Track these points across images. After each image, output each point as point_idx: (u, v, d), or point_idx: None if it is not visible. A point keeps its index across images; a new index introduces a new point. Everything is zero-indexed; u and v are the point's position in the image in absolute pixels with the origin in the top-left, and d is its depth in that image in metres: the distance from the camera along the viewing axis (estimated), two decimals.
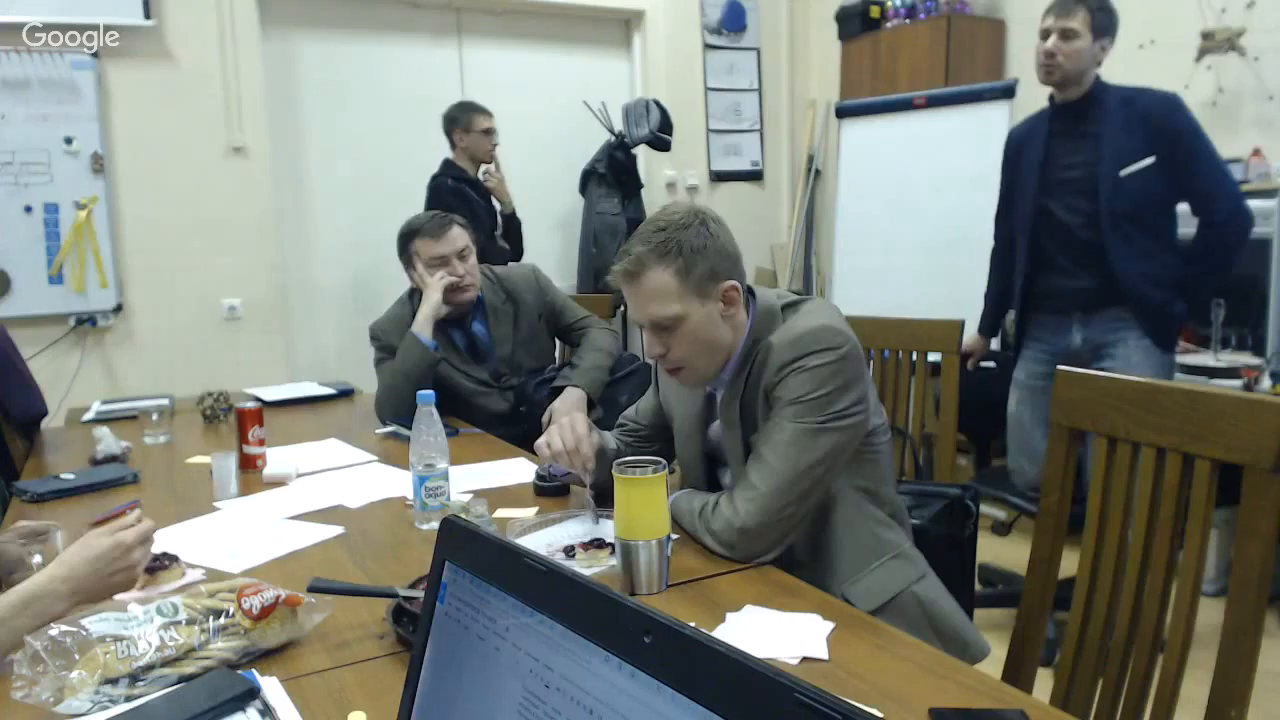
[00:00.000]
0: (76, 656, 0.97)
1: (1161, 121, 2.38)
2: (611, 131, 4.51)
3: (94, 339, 3.82)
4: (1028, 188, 2.59)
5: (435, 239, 2.43)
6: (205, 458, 1.93)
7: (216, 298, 3.99)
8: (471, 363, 2.52)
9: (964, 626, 1.48)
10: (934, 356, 2.27)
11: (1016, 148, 2.70)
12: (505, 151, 4.59)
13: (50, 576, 1.11)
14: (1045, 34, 2.44)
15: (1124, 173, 2.38)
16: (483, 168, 3.82)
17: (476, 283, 2.48)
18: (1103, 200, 2.40)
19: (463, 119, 3.71)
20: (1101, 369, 2.38)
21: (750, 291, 1.50)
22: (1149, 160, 2.37)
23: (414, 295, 2.53)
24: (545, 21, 4.75)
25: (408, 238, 2.48)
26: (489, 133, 3.74)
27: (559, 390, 2.43)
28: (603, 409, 2.46)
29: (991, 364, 3.15)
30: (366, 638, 1.14)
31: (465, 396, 2.49)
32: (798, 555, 1.45)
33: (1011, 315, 2.75)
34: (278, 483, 1.91)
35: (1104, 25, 2.43)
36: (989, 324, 2.87)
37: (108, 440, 2.14)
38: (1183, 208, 2.47)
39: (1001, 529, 3.51)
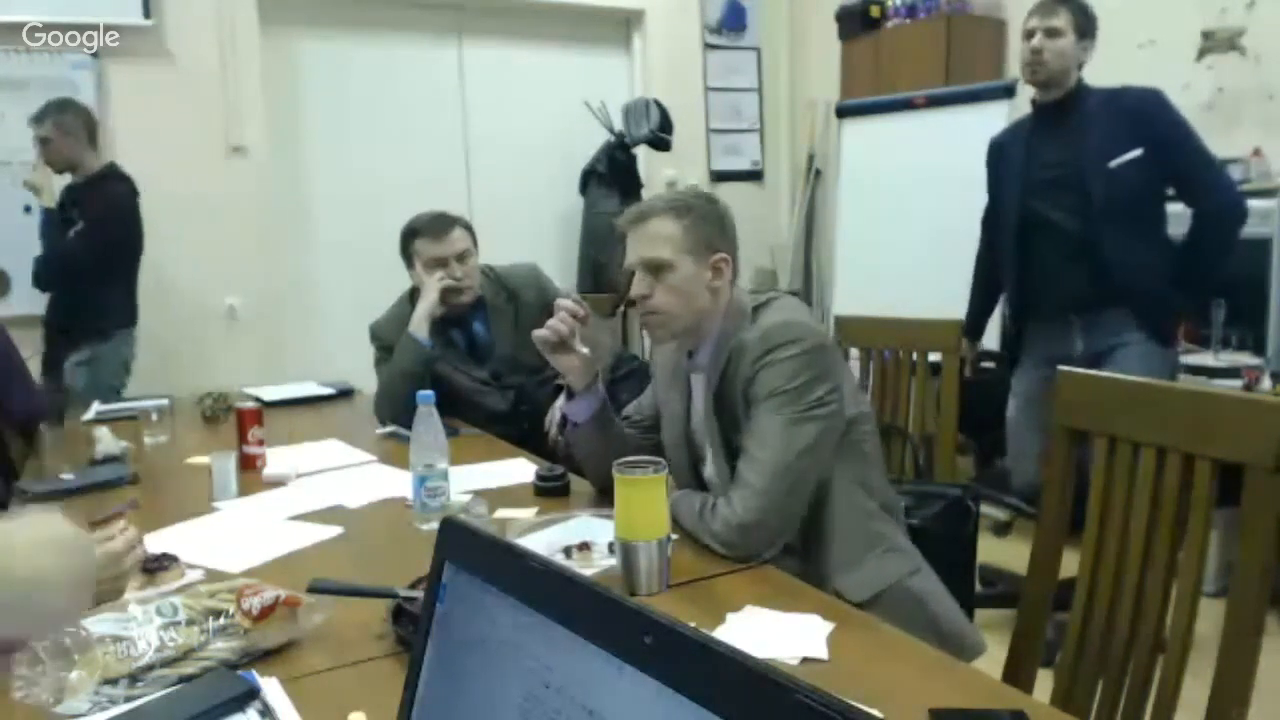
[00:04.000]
0: (76, 657, 0.97)
1: (1148, 116, 2.40)
2: (611, 131, 4.51)
3: None
4: (1011, 191, 2.60)
5: (435, 240, 2.42)
6: (205, 458, 1.93)
7: (216, 298, 3.99)
8: (471, 362, 2.52)
9: (961, 622, 1.49)
10: (934, 356, 2.27)
11: (998, 154, 2.71)
12: (506, 151, 4.60)
13: None
14: (1030, 34, 2.47)
15: (1113, 164, 2.39)
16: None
17: (474, 285, 2.47)
18: (1094, 192, 2.40)
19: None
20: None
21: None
22: (1137, 152, 2.38)
23: (414, 294, 2.53)
24: (545, 21, 4.74)
25: (409, 236, 2.48)
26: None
27: (560, 390, 2.43)
28: None
29: (990, 364, 3.17)
30: (366, 638, 1.14)
31: (465, 396, 2.49)
32: (789, 546, 1.46)
33: (993, 319, 2.76)
34: (277, 483, 1.91)
35: (1085, 26, 2.46)
36: (972, 327, 2.88)
37: (107, 440, 2.14)
38: (1176, 208, 2.48)
39: (1001, 529, 3.50)
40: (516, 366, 2.51)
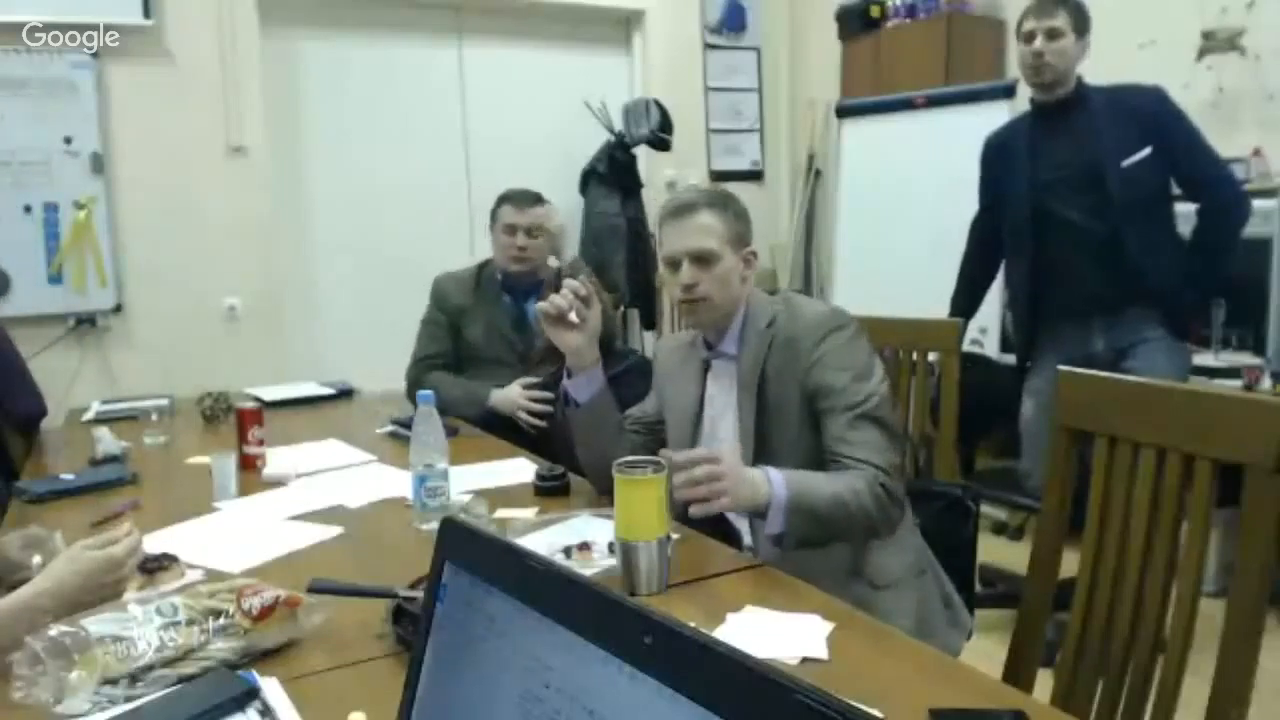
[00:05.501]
0: (76, 657, 0.97)
1: (1153, 114, 2.40)
2: (611, 131, 4.51)
3: (94, 339, 3.81)
4: (1018, 193, 2.58)
5: (517, 209, 2.62)
6: (205, 458, 1.93)
7: (216, 298, 3.99)
8: (513, 333, 2.64)
9: (954, 595, 1.59)
10: (933, 356, 2.27)
11: (995, 154, 2.70)
12: (506, 151, 4.59)
13: (37, 591, 1.09)
14: (1029, 36, 2.46)
15: (1126, 163, 2.39)
16: None
17: (536, 259, 2.63)
18: (1113, 192, 2.40)
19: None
20: (1125, 370, 2.39)
21: None
22: (1147, 150, 2.38)
23: (486, 264, 2.72)
24: (545, 21, 4.74)
25: (499, 201, 2.68)
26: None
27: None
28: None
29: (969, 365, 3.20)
30: (366, 638, 1.14)
31: (489, 353, 2.61)
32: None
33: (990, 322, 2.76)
34: (277, 483, 1.91)
35: (1082, 24, 2.46)
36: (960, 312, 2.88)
37: (107, 440, 2.14)
38: (1181, 207, 2.49)
39: (1014, 533, 3.50)
40: (550, 353, 2.55)
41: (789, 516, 1.37)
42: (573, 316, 1.63)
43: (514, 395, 2.46)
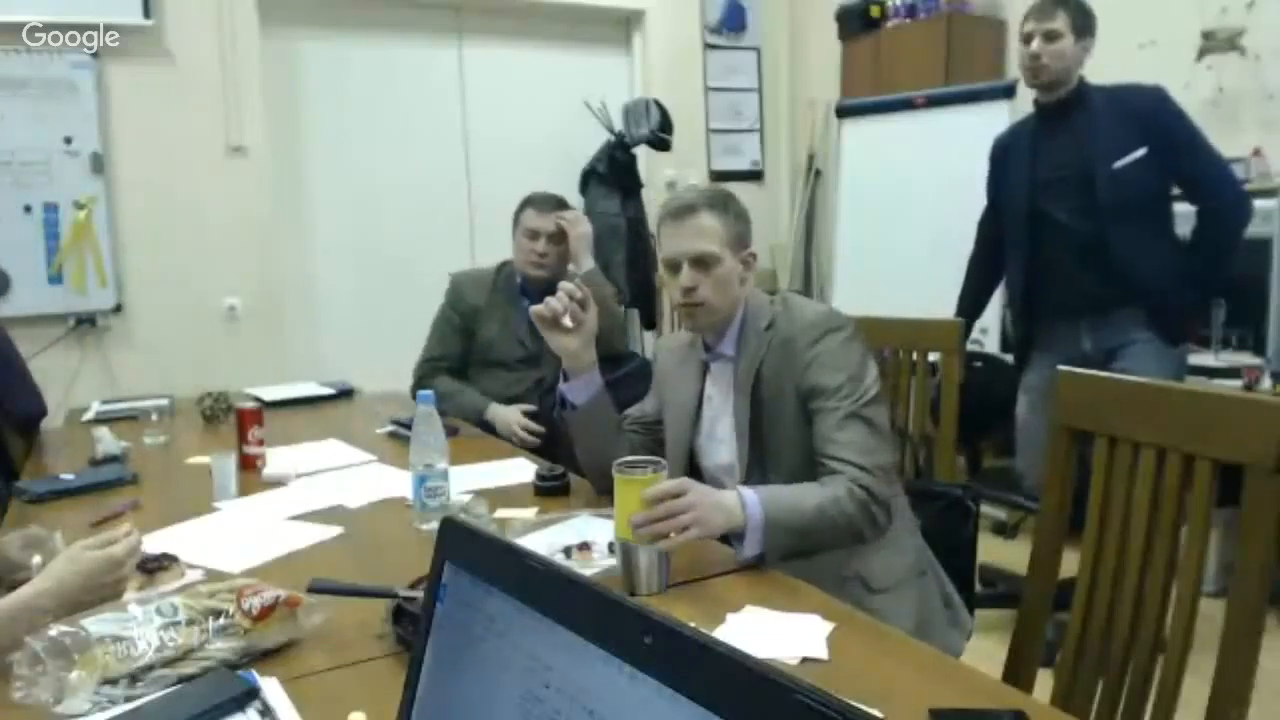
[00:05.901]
0: (76, 657, 0.97)
1: (1153, 114, 2.40)
2: (611, 131, 4.51)
3: (94, 339, 3.81)
4: (1017, 193, 2.59)
5: (540, 212, 2.58)
6: (205, 458, 1.93)
7: (216, 298, 3.99)
8: (529, 336, 2.58)
9: (954, 595, 1.59)
10: (934, 356, 2.27)
11: (1001, 154, 2.70)
12: (506, 151, 4.60)
13: (37, 591, 1.09)
14: (1028, 38, 2.47)
15: (1118, 165, 2.39)
16: None
17: (553, 265, 2.58)
18: (1101, 193, 2.40)
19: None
20: (1115, 372, 2.39)
21: None
22: (1141, 151, 2.38)
23: (504, 266, 2.69)
24: (545, 21, 4.74)
25: (523, 204, 2.65)
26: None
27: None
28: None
29: (979, 363, 3.20)
30: (366, 638, 1.14)
31: (493, 362, 2.59)
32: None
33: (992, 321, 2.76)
34: (277, 483, 1.91)
35: (1084, 25, 2.45)
36: (965, 313, 2.89)
37: (107, 440, 2.14)
38: (1182, 207, 2.48)
39: (1009, 531, 3.50)
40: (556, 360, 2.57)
41: (767, 536, 1.35)
42: (567, 320, 1.62)
43: (511, 419, 2.45)
